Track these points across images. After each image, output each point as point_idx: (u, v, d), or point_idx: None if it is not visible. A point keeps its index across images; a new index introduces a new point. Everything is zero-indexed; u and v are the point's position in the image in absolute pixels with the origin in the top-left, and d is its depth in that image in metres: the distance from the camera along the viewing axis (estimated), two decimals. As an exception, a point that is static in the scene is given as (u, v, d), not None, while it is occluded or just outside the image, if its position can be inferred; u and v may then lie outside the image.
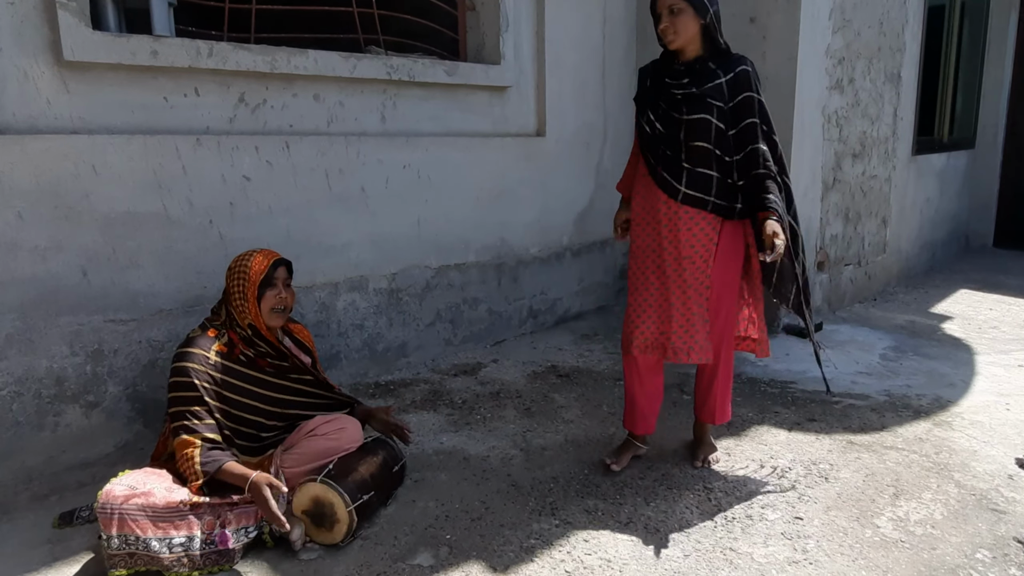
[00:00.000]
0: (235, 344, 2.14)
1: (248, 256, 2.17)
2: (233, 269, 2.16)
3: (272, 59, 2.86)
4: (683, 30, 2.22)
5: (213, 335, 2.12)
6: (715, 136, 2.24)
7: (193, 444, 1.97)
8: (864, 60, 4.40)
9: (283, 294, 2.19)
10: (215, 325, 2.16)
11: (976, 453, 2.65)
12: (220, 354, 2.10)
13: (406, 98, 3.42)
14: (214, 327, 2.15)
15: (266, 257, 2.18)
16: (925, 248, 5.87)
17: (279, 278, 2.19)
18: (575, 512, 2.27)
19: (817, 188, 4.18)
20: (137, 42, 2.50)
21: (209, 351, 2.08)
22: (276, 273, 2.18)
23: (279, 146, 2.94)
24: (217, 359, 2.09)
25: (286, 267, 2.24)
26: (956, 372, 3.52)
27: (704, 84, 2.24)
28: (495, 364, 3.67)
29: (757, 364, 3.67)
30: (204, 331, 2.13)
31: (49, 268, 2.42)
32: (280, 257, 2.23)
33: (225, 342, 2.13)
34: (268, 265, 2.16)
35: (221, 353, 2.10)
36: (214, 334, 2.13)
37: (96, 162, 2.47)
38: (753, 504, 2.30)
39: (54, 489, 2.40)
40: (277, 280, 2.18)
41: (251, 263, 2.14)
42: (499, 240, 3.91)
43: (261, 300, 2.14)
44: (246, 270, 2.13)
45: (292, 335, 2.36)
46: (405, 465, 2.41)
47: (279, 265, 2.21)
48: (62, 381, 2.50)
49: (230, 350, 2.13)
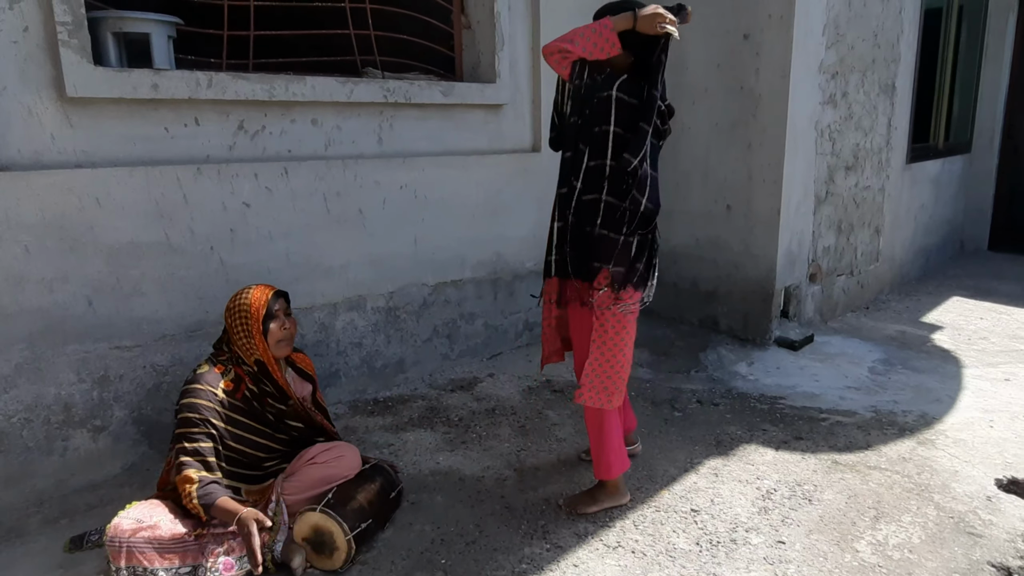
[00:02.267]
0: (242, 380, 2.21)
1: (245, 294, 2.23)
2: (232, 308, 2.23)
3: (270, 87, 2.91)
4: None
5: (220, 371, 2.20)
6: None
7: (191, 481, 2.05)
8: (858, 73, 4.44)
9: (286, 324, 2.26)
10: (221, 361, 2.23)
11: (957, 473, 2.73)
12: (226, 391, 2.18)
13: (403, 119, 3.48)
14: (220, 363, 2.22)
15: (263, 292, 2.24)
16: (919, 254, 5.92)
17: (279, 310, 2.26)
18: (566, 536, 2.35)
19: (809, 202, 4.23)
20: (138, 76, 2.56)
21: (216, 388, 2.16)
22: (276, 306, 2.25)
23: (278, 172, 3.01)
24: (224, 396, 2.16)
25: (284, 298, 2.31)
26: (943, 387, 3.59)
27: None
28: (491, 379, 3.74)
29: (748, 379, 3.75)
30: (212, 367, 2.21)
31: (56, 299, 2.49)
32: (277, 289, 2.30)
33: (232, 379, 2.20)
34: (268, 299, 2.23)
35: (227, 390, 2.18)
36: (221, 370, 2.20)
37: (99, 194, 2.54)
38: (738, 528, 2.38)
39: (64, 512, 2.48)
40: (278, 312, 2.25)
41: (250, 300, 2.21)
42: (495, 255, 3.98)
43: (267, 334, 2.20)
44: (246, 307, 2.19)
45: (294, 364, 2.43)
46: (402, 491, 2.50)
47: (278, 297, 2.28)
48: (70, 407, 2.58)
49: (236, 387, 2.20)
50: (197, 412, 2.10)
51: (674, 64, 4.30)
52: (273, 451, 2.30)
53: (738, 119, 4.06)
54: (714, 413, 3.32)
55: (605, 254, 2.22)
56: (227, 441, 2.16)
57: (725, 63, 4.07)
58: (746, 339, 4.20)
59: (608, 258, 2.21)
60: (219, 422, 2.14)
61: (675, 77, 4.32)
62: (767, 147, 3.95)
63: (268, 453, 2.29)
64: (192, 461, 2.06)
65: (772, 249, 4.03)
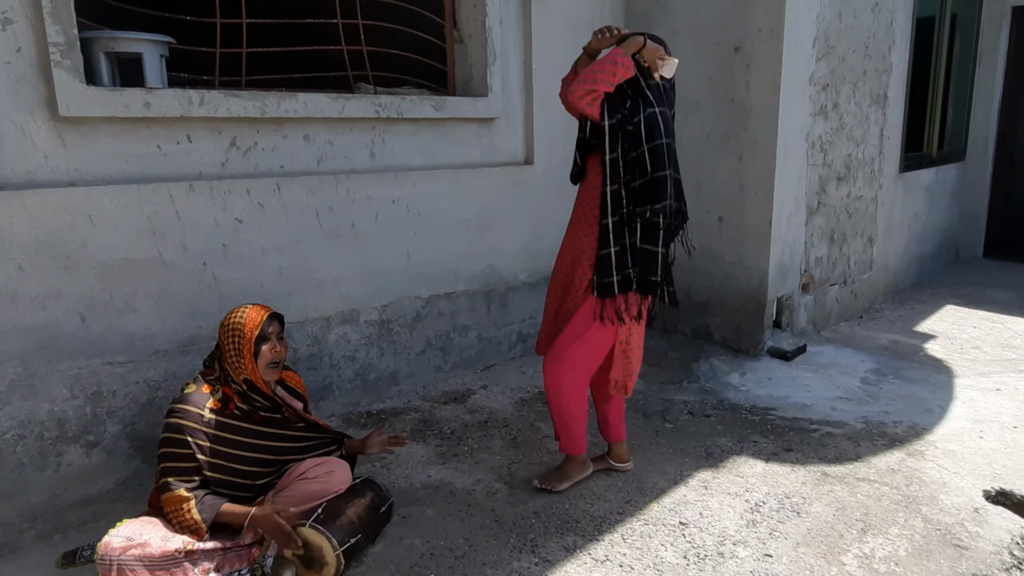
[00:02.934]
0: (230, 399, 2.23)
1: (241, 313, 2.24)
2: (226, 326, 2.24)
3: (262, 104, 2.95)
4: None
5: (208, 391, 2.21)
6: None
7: (186, 499, 2.07)
8: (849, 84, 4.47)
9: (277, 348, 2.26)
10: (209, 380, 2.24)
11: (946, 485, 2.74)
12: (214, 410, 2.19)
13: (395, 133, 3.51)
14: (208, 383, 2.23)
15: (259, 313, 2.25)
16: (913, 262, 5.94)
17: (272, 332, 2.26)
18: (554, 549, 2.36)
19: (801, 213, 4.26)
20: (130, 95, 2.59)
21: (203, 408, 2.17)
22: (270, 328, 2.25)
23: (270, 188, 3.03)
24: (211, 416, 2.17)
25: (279, 321, 2.32)
26: (934, 397, 3.61)
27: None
28: (484, 391, 3.76)
29: (740, 389, 3.76)
30: (199, 386, 2.22)
31: (49, 316, 2.52)
32: (273, 312, 2.30)
33: (220, 398, 2.21)
34: (262, 321, 2.23)
35: (215, 409, 2.19)
36: (208, 390, 2.21)
37: (92, 212, 2.57)
38: (726, 541, 2.39)
39: (57, 527, 2.50)
40: (271, 335, 2.25)
41: (245, 320, 2.22)
42: (488, 268, 4.00)
43: (257, 356, 2.22)
44: (240, 327, 2.21)
45: (284, 383, 2.45)
46: (393, 504, 2.51)
47: (273, 320, 2.28)
48: (63, 423, 2.60)
49: (224, 405, 2.21)
50: (181, 433, 2.11)
51: (666, 76, 4.34)
52: (267, 464, 2.32)
53: (729, 131, 4.09)
54: (705, 425, 3.33)
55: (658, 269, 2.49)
56: (217, 460, 2.17)
57: (716, 75, 4.10)
58: (739, 349, 4.22)
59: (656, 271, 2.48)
60: (205, 442, 2.15)
61: (667, 89, 4.35)
62: (758, 158, 3.98)
63: (262, 467, 2.30)
64: (177, 481, 2.08)
65: (764, 260, 4.06)
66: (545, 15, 4.04)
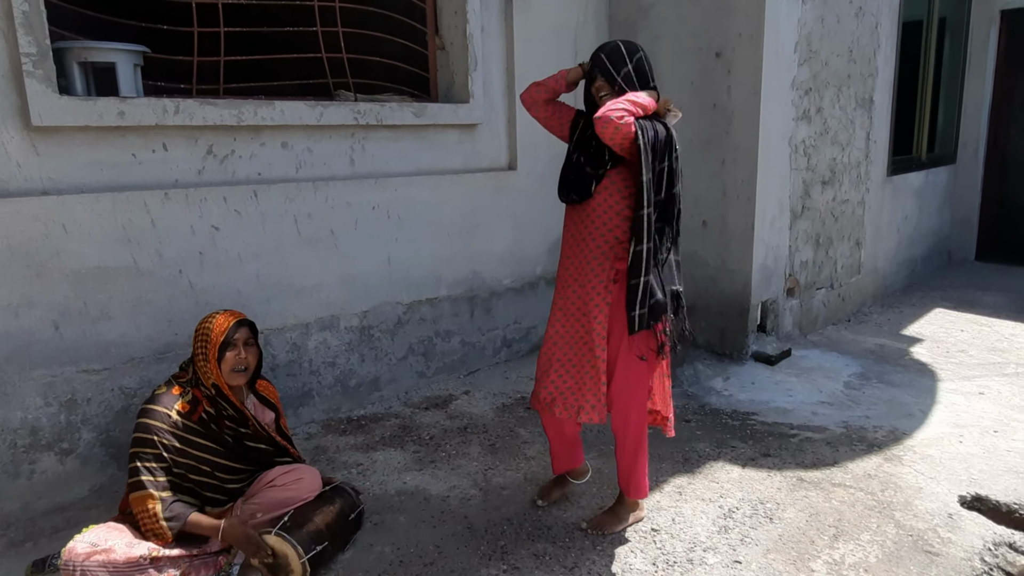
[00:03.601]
0: (199, 402, 2.24)
1: (211, 318, 2.26)
2: (198, 331, 2.25)
3: (238, 112, 2.96)
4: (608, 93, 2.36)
5: (177, 392, 2.22)
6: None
7: (152, 499, 2.08)
8: (833, 88, 4.47)
9: (243, 355, 2.26)
10: (181, 383, 2.26)
11: (921, 490, 2.73)
12: (181, 412, 2.20)
13: (375, 140, 3.52)
14: (180, 384, 2.25)
15: (227, 319, 2.26)
16: (903, 265, 5.93)
17: (239, 339, 2.26)
18: (524, 557, 2.36)
19: (785, 217, 4.26)
20: (104, 104, 2.60)
21: (171, 409, 2.18)
22: (236, 334, 2.26)
23: (247, 195, 3.04)
24: (178, 418, 2.18)
25: (248, 327, 2.32)
26: (916, 401, 3.60)
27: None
28: (466, 396, 3.76)
29: (722, 394, 3.76)
30: (169, 388, 2.23)
31: (22, 324, 2.53)
32: (242, 318, 2.31)
33: (189, 400, 2.23)
34: (228, 327, 2.25)
35: (182, 412, 2.20)
36: (178, 391, 2.23)
37: (66, 221, 2.58)
38: (696, 548, 2.39)
39: (30, 535, 2.50)
40: (237, 341, 2.25)
41: (213, 325, 2.23)
42: (471, 273, 4.01)
43: (221, 361, 2.23)
44: (208, 332, 2.22)
45: (257, 392, 2.45)
46: (363, 512, 2.51)
47: (240, 326, 2.29)
48: (37, 431, 2.61)
49: (193, 408, 2.22)
50: (148, 432, 2.12)
51: (649, 82, 4.35)
52: (235, 472, 2.32)
53: (712, 136, 4.09)
54: (685, 430, 3.33)
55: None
56: (184, 461, 2.19)
57: (699, 81, 4.11)
58: (723, 354, 4.21)
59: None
60: (174, 443, 2.16)
61: (650, 94, 4.36)
62: (740, 163, 3.98)
63: (229, 474, 2.31)
64: (145, 481, 2.09)
65: (747, 264, 4.05)
66: (528, 22, 4.05)
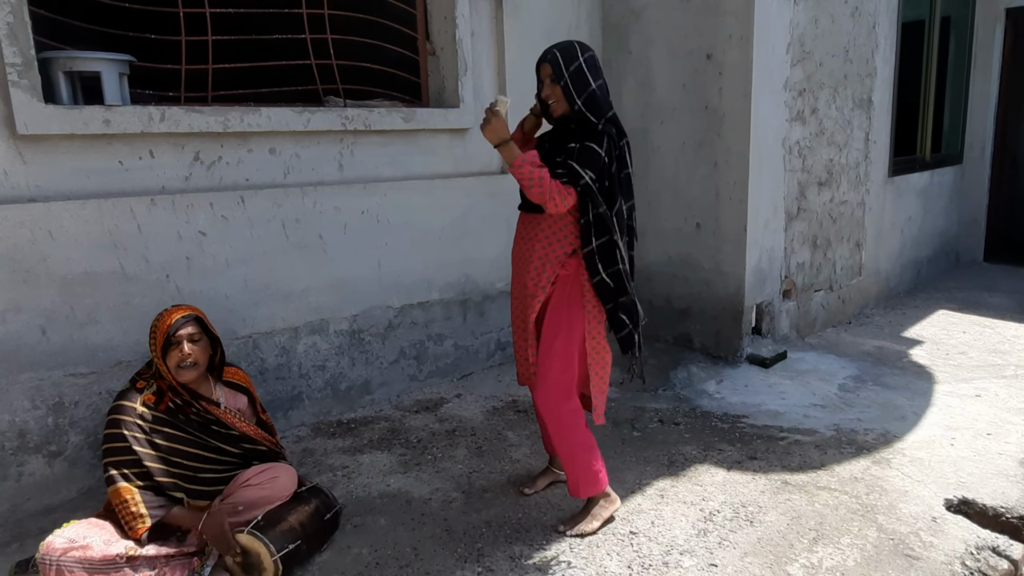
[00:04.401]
0: (164, 393, 2.28)
1: (160, 315, 2.29)
2: (151, 327, 2.29)
3: (224, 119, 3.00)
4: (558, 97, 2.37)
5: (141, 387, 2.26)
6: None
7: (129, 491, 2.12)
8: (828, 89, 4.44)
9: (186, 350, 2.25)
10: (144, 377, 2.29)
11: (907, 494, 2.70)
12: (147, 404, 2.23)
13: (364, 145, 3.55)
14: (143, 379, 2.28)
15: (170, 315, 2.27)
16: (908, 267, 5.86)
17: (183, 335, 2.25)
18: (499, 559, 2.36)
19: (780, 219, 4.23)
20: (89, 113, 2.65)
21: (136, 403, 2.21)
22: (182, 329, 2.25)
23: (234, 200, 3.08)
24: (144, 409, 2.22)
25: (194, 322, 2.30)
26: (911, 404, 3.55)
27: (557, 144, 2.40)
28: (458, 399, 3.77)
29: (714, 397, 3.74)
30: (133, 384, 2.27)
31: (8, 329, 2.58)
32: (185, 314, 2.29)
33: (154, 391, 2.26)
34: (172, 322, 2.25)
35: (148, 403, 2.23)
36: (142, 385, 2.26)
37: (52, 227, 2.63)
38: (672, 551, 2.37)
39: (16, 536, 2.55)
40: (180, 338, 2.24)
41: (159, 322, 2.26)
42: (463, 277, 4.02)
43: (166, 358, 2.24)
44: (155, 329, 2.26)
45: (225, 380, 2.48)
46: (339, 512, 2.53)
47: (184, 323, 2.27)
48: (24, 433, 2.66)
49: (159, 399, 2.26)
50: (117, 428, 2.16)
51: (643, 84, 4.35)
52: (211, 462, 2.35)
53: (704, 138, 4.08)
54: (673, 433, 3.31)
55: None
56: (157, 453, 2.22)
57: (690, 83, 4.10)
58: (718, 356, 4.19)
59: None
60: (141, 435, 2.19)
61: (644, 97, 4.36)
62: (732, 165, 3.96)
63: (205, 463, 2.33)
64: (119, 474, 2.14)
65: (740, 266, 4.03)
66: (518, 26, 4.06)
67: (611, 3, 4.45)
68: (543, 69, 2.36)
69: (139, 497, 2.15)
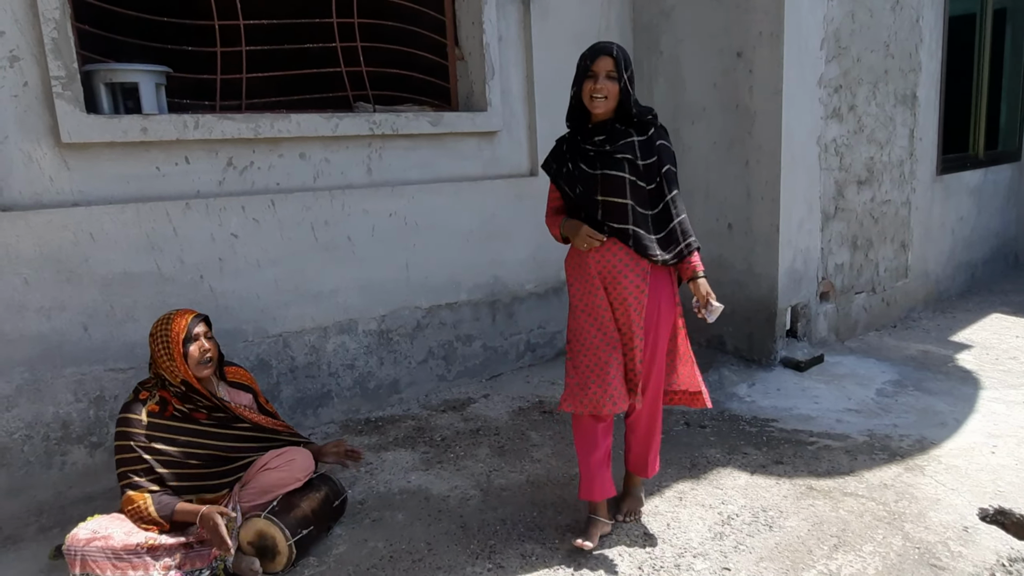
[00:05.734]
0: (168, 402, 2.36)
1: (167, 319, 2.36)
2: (155, 335, 2.35)
3: (256, 126, 3.11)
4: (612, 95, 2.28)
5: (144, 397, 2.34)
6: (629, 190, 2.33)
7: (141, 498, 2.22)
8: (868, 85, 4.31)
9: (205, 345, 2.36)
10: (146, 388, 2.37)
11: (939, 502, 2.59)
12: (152, 413, 2.31)
13: (392, 149, 3.62)
14: (146, 390, 2.36)
15: (182, 316, 2.36)
16: (960, 269, 5.62)
17: (199, 333, 2.36)
18: (511, 556, 2.37)
19: (815, 218, 4.12)
20: (128, 121, 2.80)
21: (141, 414, 2.29)
22: (196, 329, 2.36)
23: (265, 204, 3.19)
24: (149, 419, 2.30)
25: (204, 321, 2.42)
26: (952, 409, 3.41)
27: (617, 142, 2.34)
28: (485, 400, 3.80)
29: (744, 400, 3.67)
30: (136, 395, 2.35)
31: (53, 325, 2.74)
32: (197, 313, 2.41)
33: (156, 401, 2.34)
34: (187, 323, 2.35)
35: (153, 412, 2.32)
36: (145, 396, 2.34)
37: (93, 230, 2.78)
38: (685, 554, 2.35)
39: (58, 522, 2.70)
40: (198, 335, 2.36)
41: (171, 326, 2.33)
42: (492, 278, 4.05)
43: (187, 356, 2.33)
44: (167, 332, 2.33)
45: (228, 380, 2.56)
46: (346, 499, 2.61)
47: (198, 321, 2.39)
48: (67, 424, 2.81)
49: (163, 408, 2.34)
50: (126, 439, 2.25)
51: (673, 83, 4.32)
52: (228, 460, 2.44)
53: (735, 137, 4.01)
54: (698, 435, 3.26)
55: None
56: (169, 458, 2.30)
57: (721, 82, 4.04)
58: (751, 360, 4.11)
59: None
60: (149, 444, 2.28)
61: (675, 96, 4.32)
62: (764, 164, 3.89)
63: (217, 465, 2.41)
64: (129, 484, 2.24)
65: (773, 267, 3.95)
66: (547, 30, 4.09)
67: (641, 3, 4.43)
68: (602, 63, 2.24)
69: (151, 502, 2.23)
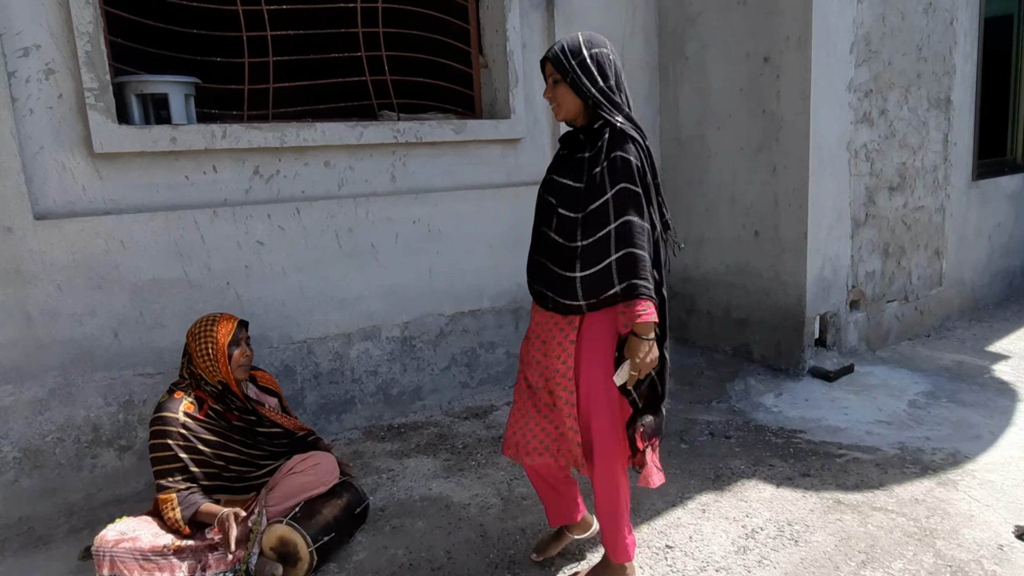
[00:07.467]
0: (204, 401, 2.42)
1: (211, 320, 2.44)
2: (197, 334, 2.42)
3: (281, 135, 3.16)
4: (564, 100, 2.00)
5: (179, 396, 2.39)
6: (556, 222, 1.96)
7: (171, 498, 2.26)
8: (899, 89, 4.22)
9: (247, 351, 2.48)
10: (181, 387, 2.43)
11: (972, 518, 2.51)
12: (188, 413, 2.37)
13: (416, 157, 3.65)
14: (180, 389, 2.42)
15: (229, 320, 2.45)
16: (998, 277, 5.46)
17: (242, 337, 2.47)
18: (531, 567, 2.36)
19: (845, 225, 4.04)
20: (158, 132, 2.86)
21: (178, 412, 2.35)
22: (240, 334, 2.47)
23: (291, 212, 3.24)
24: (186, 418, 2.35)
25: (245, 327, 2.53)
26: (988, 422, 3.31)
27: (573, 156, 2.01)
28: (507, 407, 3.79)
29: (771, 410, 3.60)
30: (171, 395, 2.40)
31: (85, 331, 2.80)
32: (240, 319, 2.52)
33: (192, 400, 2.40)
34: (234, 328, 2.45)
35: (189, 412, 2.37)
36: (180, 395, 2.40)
37: (124, 238, 2.84)
38: (708, 567, 2.31)
39: (89, 523, 2.75)
40: (241, 340, 2.47)
41: (216, 328, 2.41)
42: (515, 285, 4.05)
43: (230, 359, 2.41)
44: (213, 334, 2.40)
45: (256, 382, 2.63)
46: (368, 507, 2.62)
47: (241, 327, 2.50)
48: (98, 428, 2.87)
49: (199, 407, 2.40)
50: (162, 438, 2.30)
51: (699, 89, 4.28)
52: (254, 460, 2.48)
53: (762, 143, 3.96)
54: (723, 446, 3.21)
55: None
56: (199, 457, 2.35)
57: (747, 87, 3.99)
58: (779, 369, 4.04)
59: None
60: (185, 442, 2.33)
61: (700, 102, 4.28)
62: (791, 171, 3.83)
63: (246, 466, 2.46)
64: (166, 483, 2.28)
65: (801, 275, 3.88)
66: (571, 36, 4.08)
67: (666, 9, 4.41)
68: (547, 70, 2.00)
69: (176, 501, 2.28)
